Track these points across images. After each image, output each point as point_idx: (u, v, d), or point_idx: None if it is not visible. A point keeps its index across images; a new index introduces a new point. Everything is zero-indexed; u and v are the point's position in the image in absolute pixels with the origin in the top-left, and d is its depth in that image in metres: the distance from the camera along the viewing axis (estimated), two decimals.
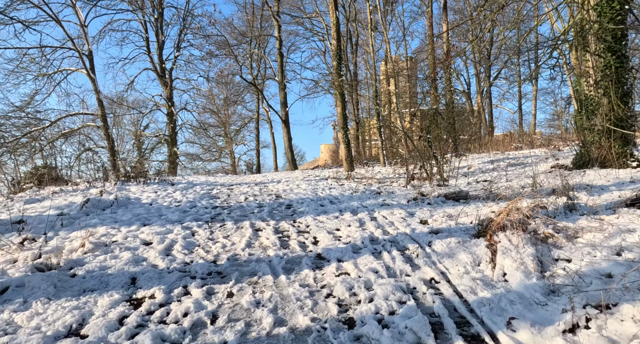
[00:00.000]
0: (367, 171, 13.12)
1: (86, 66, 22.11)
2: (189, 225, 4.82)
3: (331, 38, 13.83)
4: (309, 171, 14.98)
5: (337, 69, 13.43)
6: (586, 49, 8.21)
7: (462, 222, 4.59)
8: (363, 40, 32.00)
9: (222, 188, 8.36)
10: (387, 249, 3.85)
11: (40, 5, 20.81)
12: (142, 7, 26.19)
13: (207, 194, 7.32)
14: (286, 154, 17.78)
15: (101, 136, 24.85)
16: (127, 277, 3.22)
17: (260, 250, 3.99)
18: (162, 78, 27.35)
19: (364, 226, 4.74)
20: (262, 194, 7.46)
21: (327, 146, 50.28)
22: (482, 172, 9.79)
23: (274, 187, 8.53)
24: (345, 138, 13.52)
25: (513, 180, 8.01)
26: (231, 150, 37.80)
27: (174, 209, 5.69)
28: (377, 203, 6.05)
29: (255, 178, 12.24)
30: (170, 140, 28.09)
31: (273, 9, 17.07)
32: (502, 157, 11.81)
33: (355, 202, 6.30)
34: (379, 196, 6.94)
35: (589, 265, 2.98)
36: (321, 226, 4.80)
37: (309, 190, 7.79)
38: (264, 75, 28.97)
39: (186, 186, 8.44)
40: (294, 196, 6.95)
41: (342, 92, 13.53)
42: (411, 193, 7.06)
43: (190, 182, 9.48)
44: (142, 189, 7.52)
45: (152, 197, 6.66)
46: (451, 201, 5.98)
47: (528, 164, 10.11)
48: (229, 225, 4.89)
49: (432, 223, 4.67)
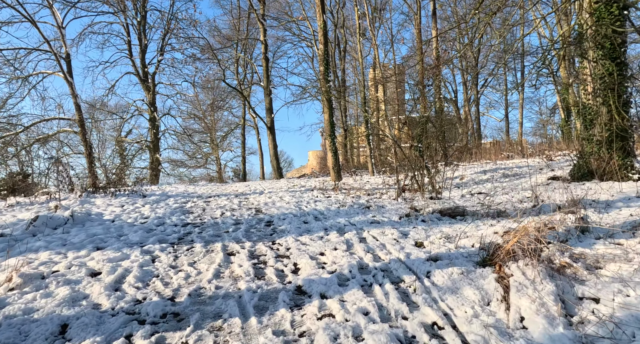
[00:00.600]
0: (355, 180, 12.60)
1: (63, 69, 21.18)
2: (150, 248, 4.17)
3: (318, 43, 13.36)
4: (294, 180, 14.38)
5: (324, 74, 12.94)
6: (584, 56, 7.86)
7: (462, 245, 4.05)
8: (351, 47, 31.76)
9: (198, 201, 7.71)
10: (379, 281, 3.28)
11: (14, 6, 19.92)
12: (124, 10, 25.43)
13: (179, 209, 6.66)
14: (271, 162, 17.16)
15: (79, 141, 23.74)
16: (57, 324, 2.57)
17: (230, 281, 3.38)
18: (145, 82, 26.56)
19: (351, 250, 4.16)
20: (241, 208, 6.83)
21: (315, 153, 49.84)
22: (476, 183, 9.35)
23: (255, 199, 7.91)
24: (332, 146, 12.99)
25: (509, 193, 7.57)
26: (217, 156, 36.98)
27: (138, 228, 5.03)
28: (367, 220, 5.48)
29: (237, 188, 11.58)
30: (152, 146, 27.22)
31: (258, 11, 16.55)
32: (495, 167, 11.42)
33: (342, 218, 5.73)
34: (368, 211, 6.39)
35: (623, 308, 2.46)
36: (303, 249, 4.20)
37: (293, 203, 7.20)
38: (251, 81, 28.39)
39: (159, 198, 7.75)
40: (276, 211, 6.35)
41: (330, 99, 13.03)
42: (403, 208, 6.52)
43: (165, 193, 8.80)
44: (108, 203, 6.83)
45: (116, 213, 5.98)
46: (447, 218, 5.46)
47: (523, 174, 9.71)
48: (198, 248, 4.26)
49: (429, 246, 4.12)
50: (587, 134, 7.89)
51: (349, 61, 30.44)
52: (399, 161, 8.83)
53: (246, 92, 29.97)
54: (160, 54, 26.80)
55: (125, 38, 26.35)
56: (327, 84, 12.96)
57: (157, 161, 27.13)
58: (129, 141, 29.91)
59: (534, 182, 8.36)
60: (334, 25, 24.85)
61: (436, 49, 13.44)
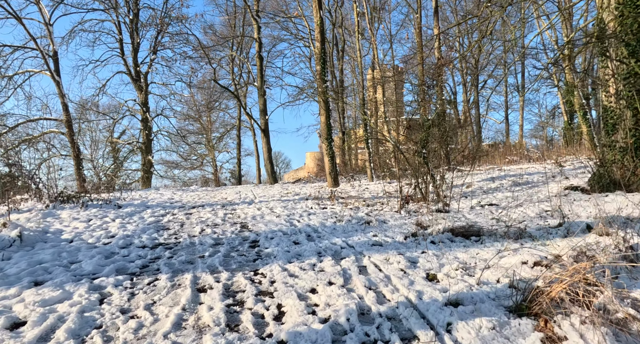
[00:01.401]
0: (354, 186, 11.85)
1: (50, 68, 20.39)
2: (102, 283, 3.39)
3: (315, 41, 12.63)
4: (289, 186, 13.62)
5: (321, 74, 12.20)
6: (606, 54, 7.15)
7: (486, 280, 3.30)
8: (349, 47, 31.07)
9: (178, 213, 6.93)
10: (386, 338, 2.52)
11: None
12: (116, 7, 24.62)
13: (154, 224, 5.88)
14: (265, 166, 16.37)
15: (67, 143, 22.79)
16: None
17: (192, 335, 2.61)
18: (137, 82, 25.76)
19: (350, 284, 3.41)
20: (225, 222, 6.06)
21: (312, 154, 49.17)
22: (485, 192, 8.61)
23: (242, 211, 7.14)
24: (329, 151, 12.24)
25: (524, 204, 6.83)
26: (213, 158, 36.18)
27: (97, 251, 4.25)
28: (367, 241, 4.72)
29: (227, 195, 10.81)
30: (144, 148, 26.41)
31: (252, 8, 15.80)
32: (503, 173, 10.69)
33: (339, 238, 4.96)
34: (369, 227, 5.63)
35: None
36: (291, 283, 3.44)
37: (284, 217, 6.43)
38: (247, 81, 27.65)
39: (135, 209, 6.97)
40: (264, 227, 5.58)
41: (327, 100, 12.29)
42: (408, 224, 5.77)
43: (144, 202, 8.01)
44: (75, 216, 6.04)
45: (78, 230, 5.20)
46: (460, 239, 4.70)
47: (535, 183, 8.98)
48: (162, 281, 3.49)
49: (444, 280, 3.37)
50: (609, 140, 7.16)
51: (347, 61, 29.75)
52: (402, 169, 8.10)
53: (242, 92, 29.21)
54: (153, 52, 26.03)
55: (117, 36, 25.56)
56: (324, 84, 12.22)
57: (149, 162, 26.32)
58: (121, 142, 29.08)
59: (549, 192, 7.63)
60: (332, 24, 24.14)
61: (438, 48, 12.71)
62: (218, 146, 36.95)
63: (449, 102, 30.09)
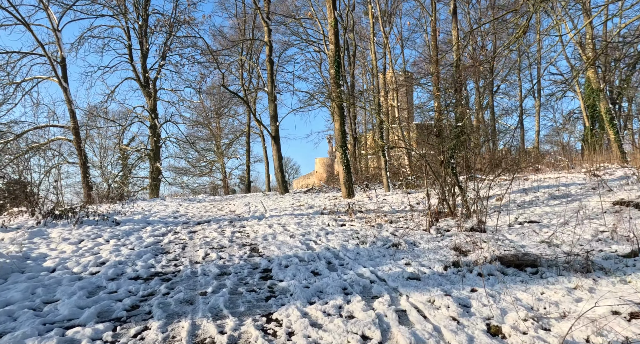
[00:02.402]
0: (370, 197, 11.07)
1: (58, 74, 20.06)
2: (77, 335, 2.68)
3: (329, 43, 11.96)
4: (301, 196, 12.89)
5: (335, 77, 11.51)
6: None
7: (571, 339, 2.52)
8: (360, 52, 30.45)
9: (182, 231, 6.25)
10: None
11: (7, 8, 18.90)
12: (125, 13, 24.37)
13: (153, 245, 5.19)
14: (276, 174, 15.69)
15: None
16: None
17: None
18: (146, 88, 25.44)
19: (389, 341, 2.65)
20: (232, 244, 5.34)
21: (322, 160, 48.59)
22: (519, 206, 7.77)
23: (252, 229, 6.42)
24: (344, 159, 11.51)
25: (571, 222, 6.00)
26: (222, 164, 35.74)
27: (80, 286, 3.55)
28: (400, 273, 3.95)
29: (235, 207, 10.13)
30: (152, 155, 26.02)
31: (263, 10, 15.23)
32: (535, 184, 9.81)
33: (365, 267, 4.21)
34: (398, 251, 4.86)
35: None
36: (314, 337, 2.69)
37: (299, 236, 5.70)
38: (256, 87, 27.16)
39: (134, 226, 6.31)
40: (276, 251, 4.84)
41: (341, 105, 11.59)
42: (442, 247, 4.99)
43: (145, 217, 7.36)
44: (66, 235, 5.39)
45: (65, 254, 4.53)
46: (513, 271, 3.91)
47: (573, 195, 8.12)
48: (153, 333, 2.77)
49: (513, 336, 2.59)
50: None
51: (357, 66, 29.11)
52: (419, 176, 7.31)
53: (251, 98, 28.70)
54: (162, 58, 25.71)
55: (126, 42, 25.31)
56: (338, 88, 11.52)
57: (157, 170, 25.89)
58: (129, 149, 28.75)
59: (596, 208, 6.78)
60: (344, 28, 23.52)
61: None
62: (227, 152, 36.53)
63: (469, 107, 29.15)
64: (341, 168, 11.63)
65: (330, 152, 45.11)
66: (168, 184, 30.99)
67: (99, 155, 32.13)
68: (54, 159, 22.17)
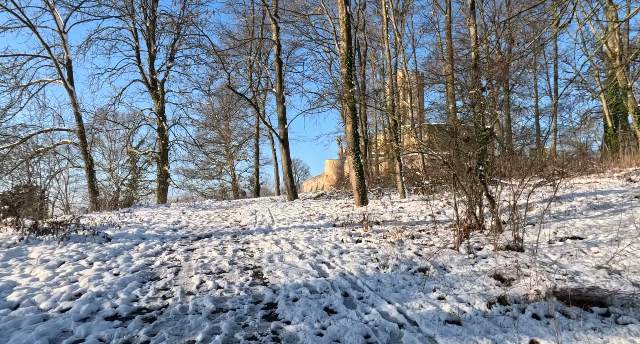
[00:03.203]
0: (385, 205, 10.31)
1: (63, 77, 19.73)
2: None
3: (340, 40, 11.25)
4: (311, 204, 12.18)
5: (347, 77, 10.79)
6: None
7: None
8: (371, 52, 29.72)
9: (179, 248, 5.58)
10: None
11: (13, 10, 18.62)
12: (132, 14, 23.99)
13: (143, 269, 4.52)
14: (285, 179, 15.01)
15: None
16: None
17: None
18: (153, 90, 25.04)
19: None
20: (233, 267, 4.65)
21: (331, 162, 47.88)
22: (555, 218, 6.94)
23: (256, 246, 5.73)
24: (356, 164, 10.78)
25: (623, 238, 5.18)
26: (232, 166, 35.30)
27: (41, 331, 2.88)
28: (435, 313, 3.20)
29: (241, 216, 9.46)
30: (160, 158, 25.61)
31: (271, 7, 14.58)
32: (567, 191, 8.94)
33: (391, 304, 3.47)
34: (426, 278, 4.12)
35: None
36: None
37: (309, 256, 4.99)
38: (265, 88, 26.60)
39: (126, 243, 5.67)
40: (283, 278, 4.13)
41: (354, 107, 10.86)
42: (479, 272, 4.22)
43: (141, 230, 6.72)
44: (45, 256, 4.76)
45: (37, 283, 3.89)
46: (577, 311, 3.14)
47: (615, 205, 7.26)
48: None
49: None
50: None
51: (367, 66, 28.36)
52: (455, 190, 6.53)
53: (260, 100, 28.12)
54: (170, 59, 25.30)
55: (134, 44, 24.95)
56: (350, 89, 10.80)
57: (165, 173, 25.47)
58: (138, 152, 28.39)
59: None
60: (354, 27, 22.79)
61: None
62: (236, 155, 36.08)
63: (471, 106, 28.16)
64: (354, 173, 10.89)
65: (340, 154, 44.38)
66: (176, 188, 30.60)
67: (108, 158, 31.88)
68: (59, 163, 21.84)
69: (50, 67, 21.24)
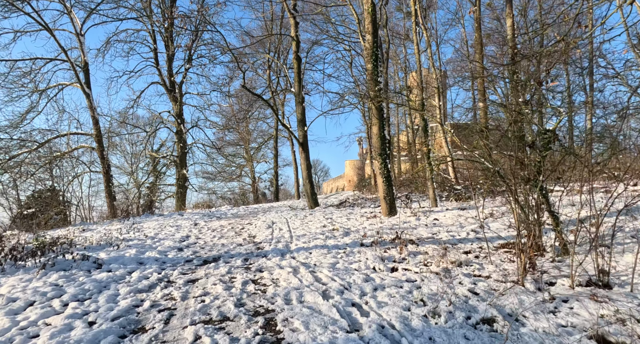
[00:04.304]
0: (416, 215, 9.19)
1: (80, 80, 19.40)
2: None
3: (365, 33, 10.19)
4: (333, 213, 11.16)
5: (372, 73, 9.73)
6: None
7: None
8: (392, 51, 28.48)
9: (179, 278, 4.68)
10: None
11: (30, 13, 18.39)
12: (150, 16, 23.58)
13: (126, 315, 3.61)
14: (304, 185, 14.04)
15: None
16: None
17: None
18: (172, 93, 24.60)
19: None
20: (240, 311, 3.67)
21: (352, 162, 46.76)
22: (626, 234, 5.69)
23: (271, 275, 4.76)
24: (384, 169, 9.70)
25: None
26: (252, 169, 34.73)
27: None
28: None
29: (256, 231, 8.54)
30: (178, 161, 25.15)
31: (289, 1, 13.66)
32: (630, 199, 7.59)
33: None
34: (495, 337, 3.04)
35: None
36: None
37: (335, 292, 3.98)
38: (284, 88, 25.79)
39: (118, 269, 4.80)
40: (303, 334, 3.13)
41: (380, 106, 9.79)
42: (570, 330, 3.11)
43: (142, 251, 5.86)
44: (15, 293, 3.92)
45: None
46: None
47: None
48: None
49: None
50: None
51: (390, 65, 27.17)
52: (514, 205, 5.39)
53: (279, 100, 27.32)
54: (188, 61, 24.82)
55: (152, 46, 24.59)
56: (376, 86, 9.73)
57: (183, 177, 25.00)
58: (157, 156, 28.06)
59: None
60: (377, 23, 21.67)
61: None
62: (256, 157, 35.50)
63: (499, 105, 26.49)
64: (380, 180, 9.81)
65: (360, 155, 43.17)
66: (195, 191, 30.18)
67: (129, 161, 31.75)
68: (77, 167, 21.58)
69: (68, 70, 21.08)
